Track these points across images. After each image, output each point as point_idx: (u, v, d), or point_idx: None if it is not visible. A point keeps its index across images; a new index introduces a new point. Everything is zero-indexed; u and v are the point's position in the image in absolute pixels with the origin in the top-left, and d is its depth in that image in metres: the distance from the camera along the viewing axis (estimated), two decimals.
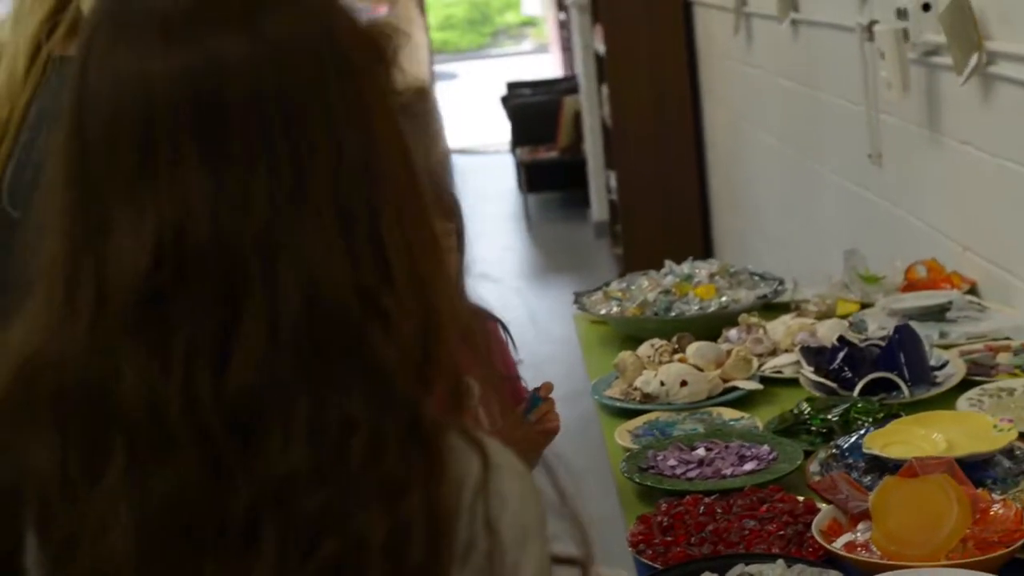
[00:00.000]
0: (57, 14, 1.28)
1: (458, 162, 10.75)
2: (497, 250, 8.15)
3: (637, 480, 1.84)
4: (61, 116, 0.87)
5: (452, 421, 0.86)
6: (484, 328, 1.78)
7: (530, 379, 2.17)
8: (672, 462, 1.88)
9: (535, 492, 0.87)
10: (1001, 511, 1.46)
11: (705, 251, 5.91)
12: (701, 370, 2.22)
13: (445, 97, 12.50)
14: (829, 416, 1.94)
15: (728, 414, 2.10)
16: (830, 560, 1.47)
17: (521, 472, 0.87)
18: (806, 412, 1.97)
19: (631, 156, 6.23)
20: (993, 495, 1.52)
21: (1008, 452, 1.68)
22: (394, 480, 0.81)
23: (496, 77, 13.03)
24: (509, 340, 1.90)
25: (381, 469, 0.81)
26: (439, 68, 15.15)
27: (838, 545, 1.48)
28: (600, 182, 7.57)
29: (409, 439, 0.82)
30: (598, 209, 7.76)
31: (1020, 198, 2.33)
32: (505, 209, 9.46)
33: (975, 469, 1.63)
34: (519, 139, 9.21)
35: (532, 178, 8.88)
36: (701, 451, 1.90)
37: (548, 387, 1.85)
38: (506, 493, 0.84)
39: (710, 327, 2.43)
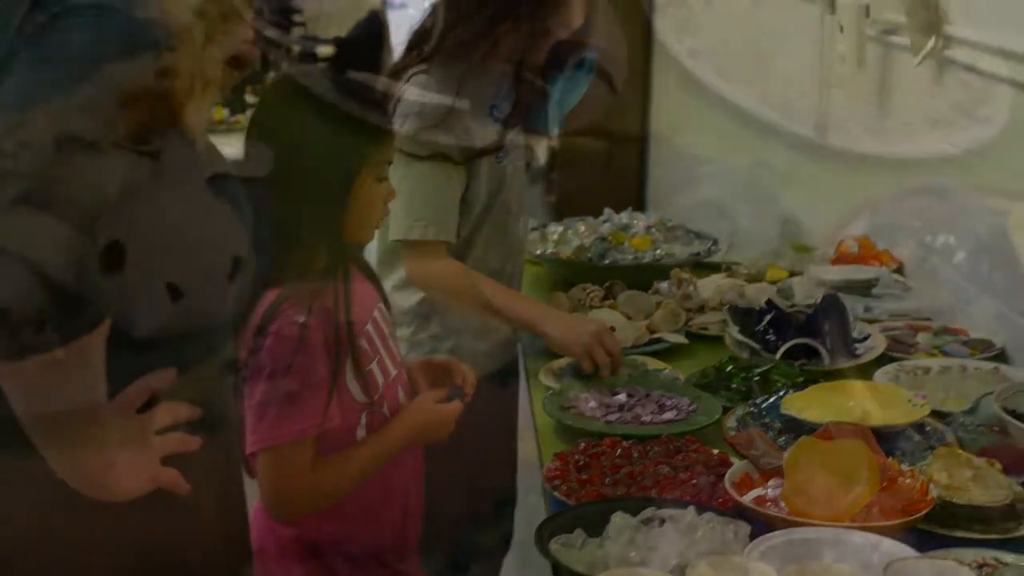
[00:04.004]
0: None
1: None
2: None
3: (558, 418, 1.85)
4: None
5: None
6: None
7: None
8: (593, 404, 1.90)
9: None
10: (909, 482, 1.50)
11: (639, 208, 5.93)
12: (630, 318, 2.24)
13: (394, 26, 12.32)
14: (750, 375, 1.96)
15: (651, 364, 2.11)
16: (739, 512, 1.50)
17: None
18: (728, 369, 1.99)
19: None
20: (901, 467, 1.56)
21: (919, 427, 1.72)
22: None
23: None
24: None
25: None
26: None
27: (748, 498, 1.50)
28: None
29: None
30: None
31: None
32: None
33: (886, 440, 1.66)
34: None
35: None
36: (622, 396, 1.92)
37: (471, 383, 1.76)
38: None
39: (641, 278, 2.44)
